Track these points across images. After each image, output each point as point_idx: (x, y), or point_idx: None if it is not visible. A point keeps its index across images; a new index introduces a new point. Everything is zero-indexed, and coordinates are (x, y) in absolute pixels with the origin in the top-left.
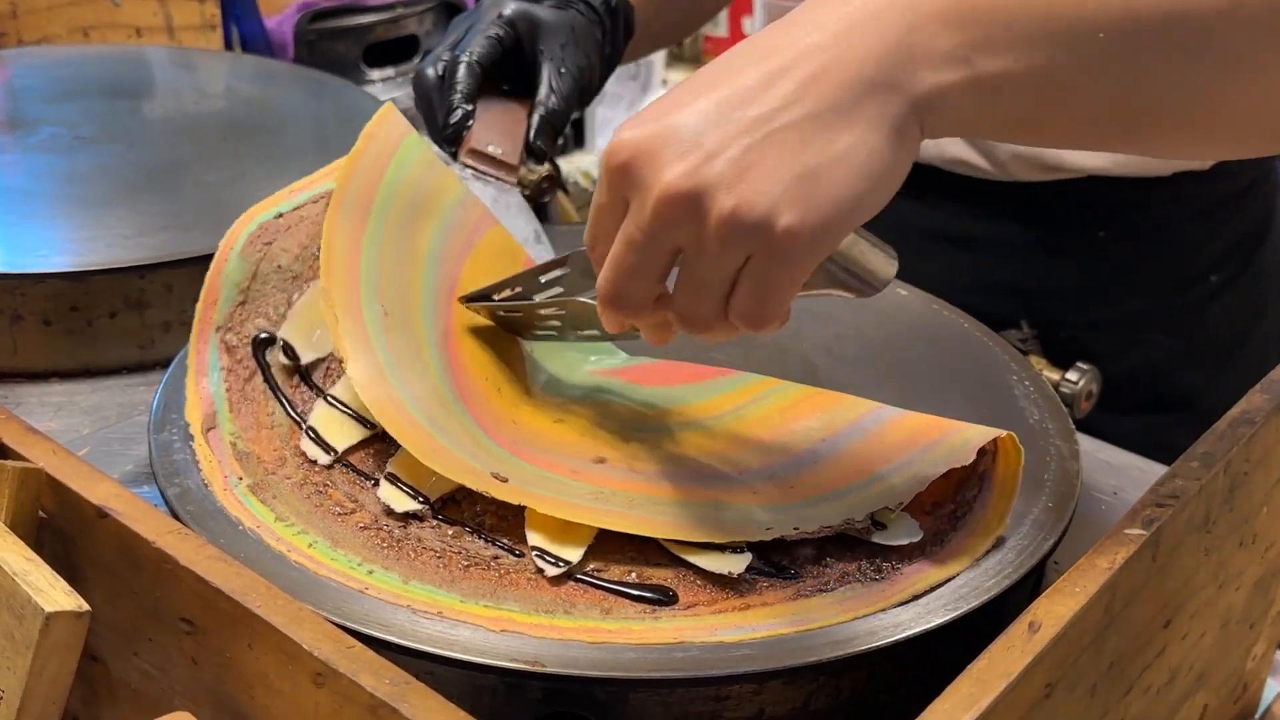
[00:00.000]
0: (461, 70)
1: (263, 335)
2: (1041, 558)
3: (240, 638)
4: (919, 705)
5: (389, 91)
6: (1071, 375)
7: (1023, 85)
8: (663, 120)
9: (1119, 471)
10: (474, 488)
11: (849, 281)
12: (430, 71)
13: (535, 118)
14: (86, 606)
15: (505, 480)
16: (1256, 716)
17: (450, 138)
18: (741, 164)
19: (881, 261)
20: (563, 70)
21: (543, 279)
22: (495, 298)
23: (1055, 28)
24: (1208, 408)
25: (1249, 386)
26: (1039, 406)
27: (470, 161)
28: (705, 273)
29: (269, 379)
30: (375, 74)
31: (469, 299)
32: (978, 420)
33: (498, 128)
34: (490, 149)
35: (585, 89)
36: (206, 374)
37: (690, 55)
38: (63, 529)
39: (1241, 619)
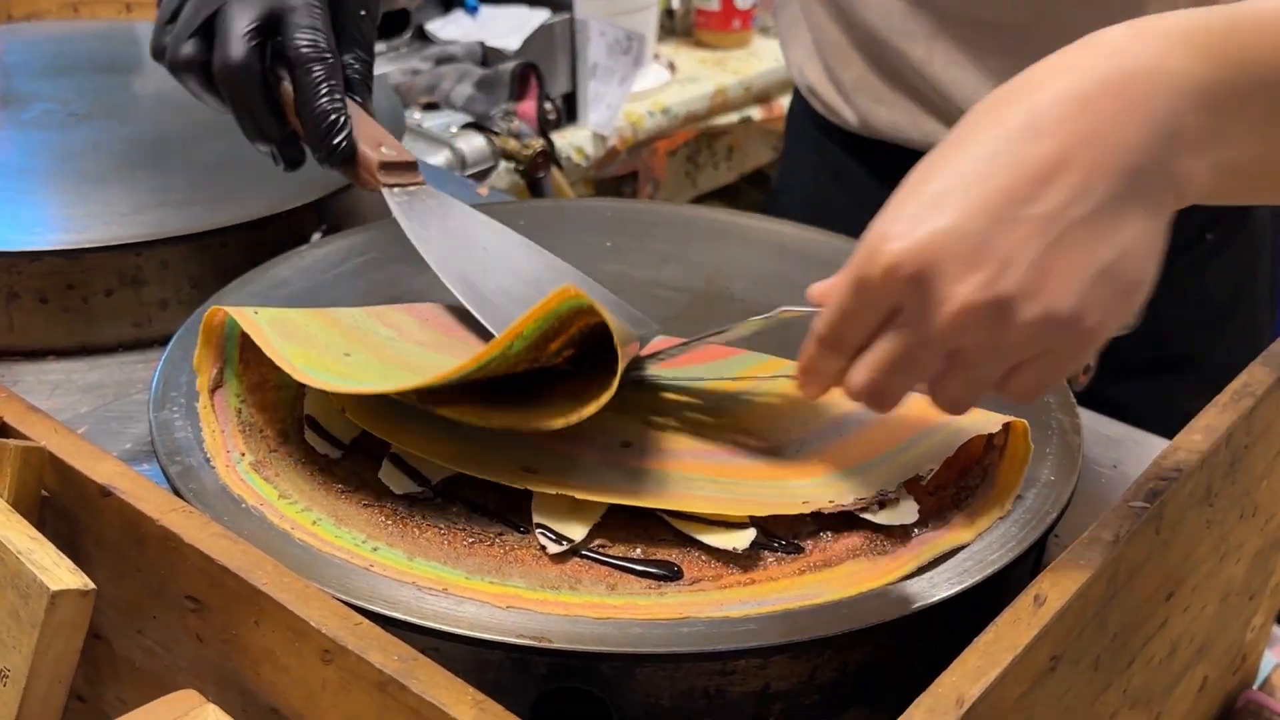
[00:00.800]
0: (317, 63)
1: None
2: (1045, 531)
3: (247, 615)
4: (924, 677)
5: (380, 66)
6: None
7: (1263, 164)
8: (937, 222)
9: (1119, 444)
10: (509, 484)
11: None
12: (249, 62)
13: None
14: (92, 585)
15: (535, 472)
16: (1254, 687)
17: (345, 155)
18: (1040, 268)
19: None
20: (362, 17)
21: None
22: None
23: None
24: (1207, 367)
25: (1247, 343)
26: None
27: (390, 180)
28: (987, 372)
29: None
30: None
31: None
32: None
33: (357, 124)
34: (388, 154)
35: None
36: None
37: (683, 29)
38: (65, 508)
39: (1241, 591)
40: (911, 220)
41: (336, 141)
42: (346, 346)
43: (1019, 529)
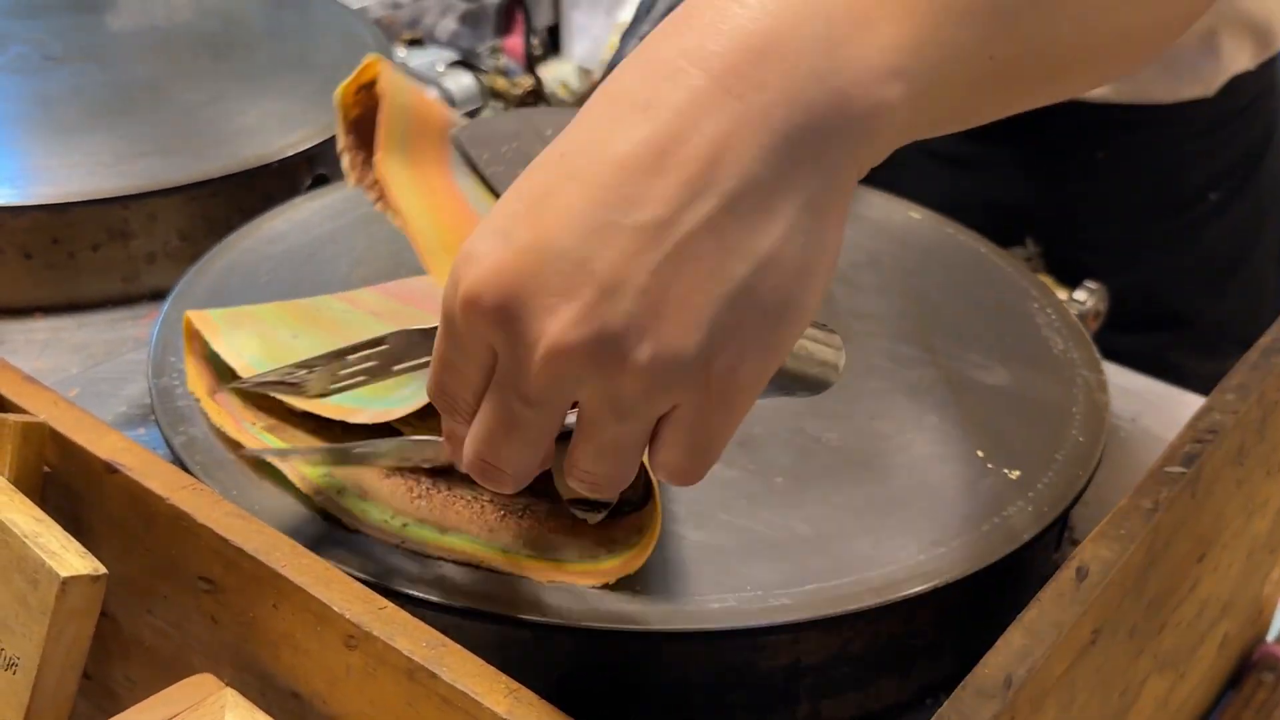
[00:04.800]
0: None
1: None
2: (1075, 496)
3: (264, 598)
4: (953, 646)
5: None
6: (1080, 295)
7: (964, 73)
8: (524, 237)
9: (1137, 396)
10: None
11: (796, 388)
12: None
13: None
14: (103, 569)
15: None
16: (1270, 639)
17: None
18: (651, 296)
19: (829, 353)
20: None
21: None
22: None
23: None
24: (1206, 326)
25: (1248, 304)
26: (1062, 335)
27: None
28: (616, 436)
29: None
30: None
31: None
32: (1001, 348)
33: None
34: None
35: None
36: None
37: None
38: (68, 484)
39: (1264, 546)
40: (499, 236)
41: None
42: (295, 328)
43: (1050, 493)
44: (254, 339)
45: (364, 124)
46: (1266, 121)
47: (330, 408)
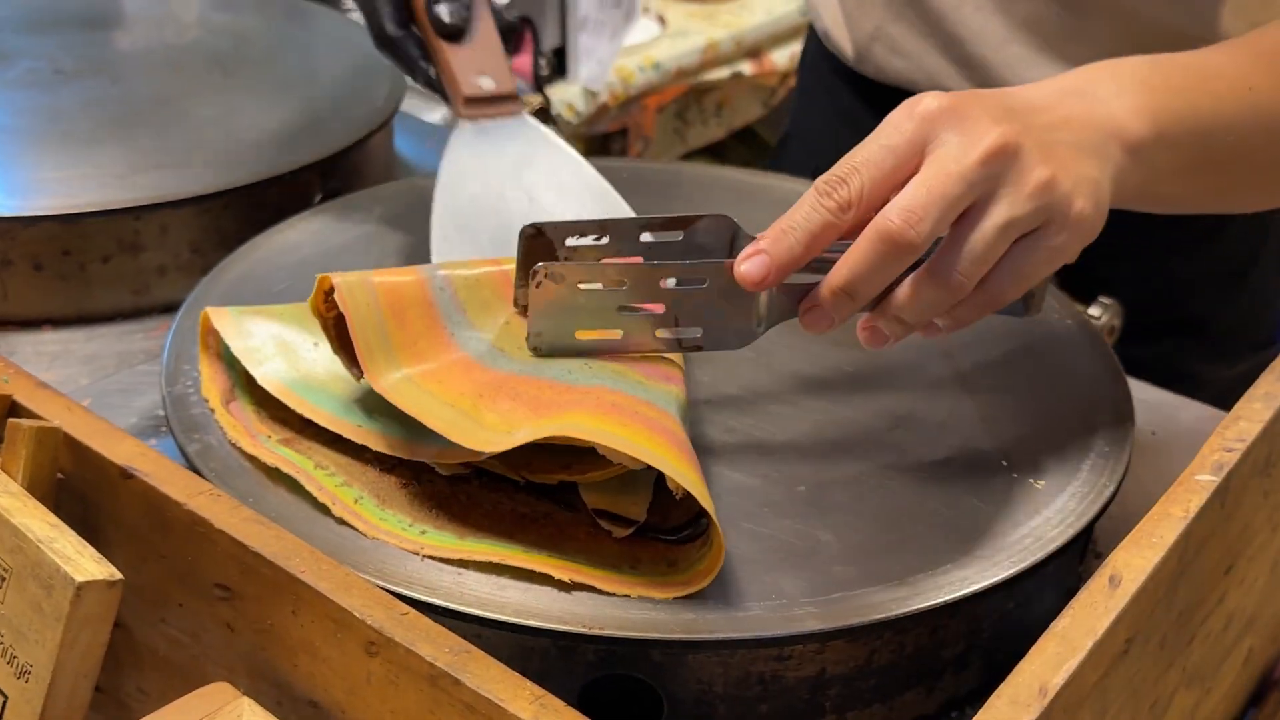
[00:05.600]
0: None
1: None
2: (1103, 506)
3: (283, 604)
4: (981, 658)
5: None
6: (1094, 310)
7: (1181, 135)
8: (969, 96)
9: (1155, 409)
10: (502, 448)
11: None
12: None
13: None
14: (118, 575)
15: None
16: None
17: (455, 27)
18: (1046, 148)
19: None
20: None
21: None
22: (568, 242)
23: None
24: (1218, 331)
25: (1256, 310)
26: (1083, 346)
27: (473, 113)
28: (994, 234)
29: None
30: (352, 3)
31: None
32: (1022, 359)
33: (476, 53)
34: (485, 86)
35: None
36: (221, 348)
37: None
38: (82, 490)
39: None
40: (943, 93)
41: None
42: (316, 334)
43: (1077, 503)
44: (272, 343)
45: (344, 323)
46: None
47: (356, 430)
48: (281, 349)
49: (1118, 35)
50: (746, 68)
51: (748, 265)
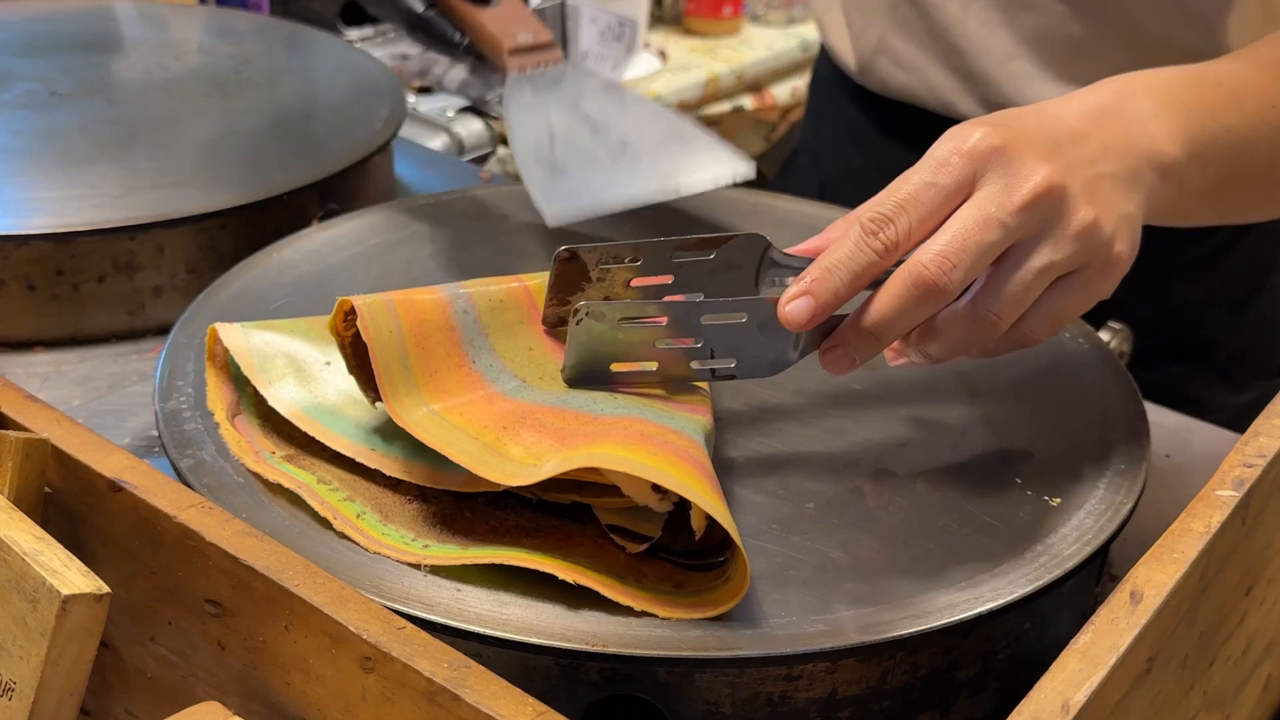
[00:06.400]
0: None
1: None
2: (1120, 524)
3: (276, 619)
4: (997, 681)
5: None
6: (1103, 334)
7: (1213, 155)
8: (1014, 127)
9: (1170, 434)
10: (528, 482)
11: None
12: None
13: None
14: (106, 588)
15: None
16: None
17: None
18: (1090, 187)
19: None
20: None
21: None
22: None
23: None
24: (1226, 357)
25: (1264, 336)
26: (1096, 366)
27: (520, 62)
28: (1032, 278)
29: None
30: (353, 33)
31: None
32: (1034, 378)
33: (506, 12)
34: (522, 38)
35: None
36: (228, 361)
37: (672, 17)
38: (70, 505)
39: None
40: (992, 123)
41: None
42: (328, 354)
43: (1094, 520)
44: (283, 361)
45: (360, 344)
46: None
47: (372, 455)
48: (293, 367)
49: (1125, 52)
50: (747, 102)
51: (792, 308)
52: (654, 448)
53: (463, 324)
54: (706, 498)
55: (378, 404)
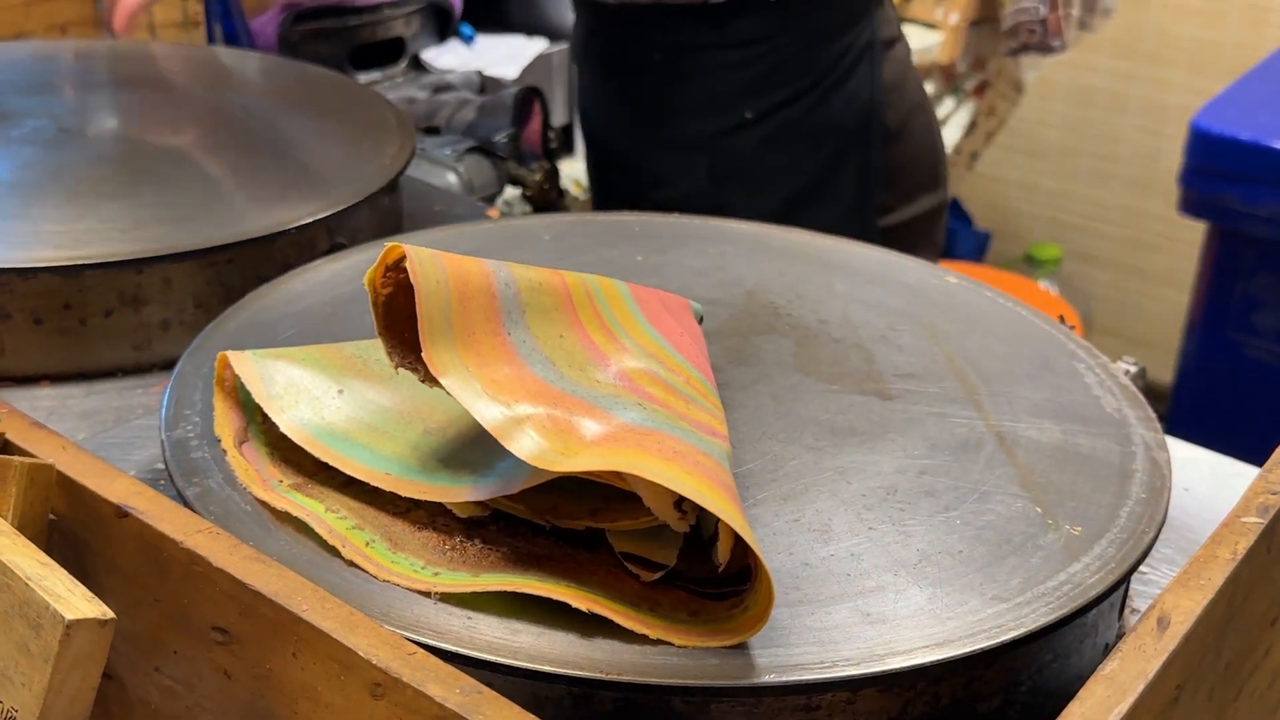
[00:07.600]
0: None
1: None
2: (1143, 552)
3: (284, 646)
4: (1020, 713)
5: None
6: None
7: None
8: None
9: (1187, 465)
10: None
11: None
12: None
13: None
14: (111, 614)
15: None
16: None
17: None
18: None
19: None
20: None
21: None
22: None
23: None
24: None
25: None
26: (1114, 395)
27: None
28: None
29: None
30: (362, 77)
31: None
32: (1051, 407)
33: None
34: None
35: None
36: (237, 388)
37: None
38: (75, 531)
39: None
40: None
41: None
42: (340, 380)
43: (1116, 549)
44: (294, 390)
45: (395, 303)
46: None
47: (383, 478)
48: (304, 395)
49: None
50: None
51: None
52: (689, 465)
53: (503, 295)
54: (738, 520)
55: (400, 369)
